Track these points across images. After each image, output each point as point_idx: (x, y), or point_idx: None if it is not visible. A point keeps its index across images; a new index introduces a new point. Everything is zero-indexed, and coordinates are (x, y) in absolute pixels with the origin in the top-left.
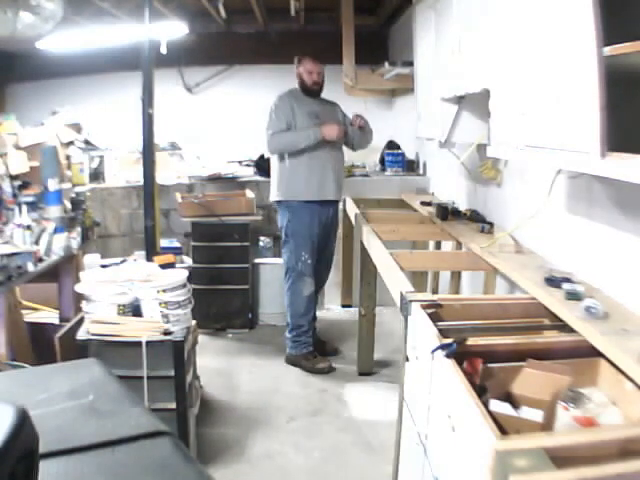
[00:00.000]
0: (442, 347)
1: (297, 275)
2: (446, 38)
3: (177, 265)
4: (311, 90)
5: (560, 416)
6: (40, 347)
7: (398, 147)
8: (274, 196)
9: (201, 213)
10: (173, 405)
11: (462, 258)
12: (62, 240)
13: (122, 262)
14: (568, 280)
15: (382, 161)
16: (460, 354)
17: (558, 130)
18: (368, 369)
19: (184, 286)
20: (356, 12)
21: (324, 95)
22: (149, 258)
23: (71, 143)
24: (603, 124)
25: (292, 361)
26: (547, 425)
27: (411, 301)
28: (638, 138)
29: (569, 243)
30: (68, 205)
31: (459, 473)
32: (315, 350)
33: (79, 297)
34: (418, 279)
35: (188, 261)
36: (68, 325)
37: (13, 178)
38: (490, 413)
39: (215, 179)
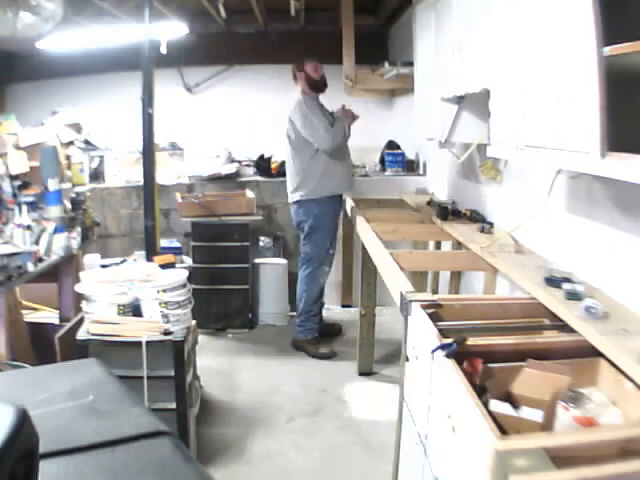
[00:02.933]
0: (442, 347)
1: (319, 264)
2: (446, 38)
3: (177, 265)
4: (321, 84)
5: (560, 416)
6: (40, 347)
7: (398, 147)
8: (299, 195)
9: (201, 213)
10: (173, 405)
11: (462, 258)
12: (62, 240)
13: (122, 262)
14: (568, 280)
15: (382, 161)
16: (460, 354)
17: (558, 130)
18: (368, 369)
19: (184, 286)
20: (356, 12)
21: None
22: (149, 258)
23: (71, 143)
24: (603, 124)
25: (298, 345)
26: (547, 425)
27: (411, 301)
28: (638, 138)
29: (569, 243)
30: (68, 205)
31: (459, 473)
32: (322, 334)
33: (79, 297)
34: (418, 279)
35: (188, 261)
36: (68, 325)
37: (13, 178)
38: (490, 413)
39: (215, 179)
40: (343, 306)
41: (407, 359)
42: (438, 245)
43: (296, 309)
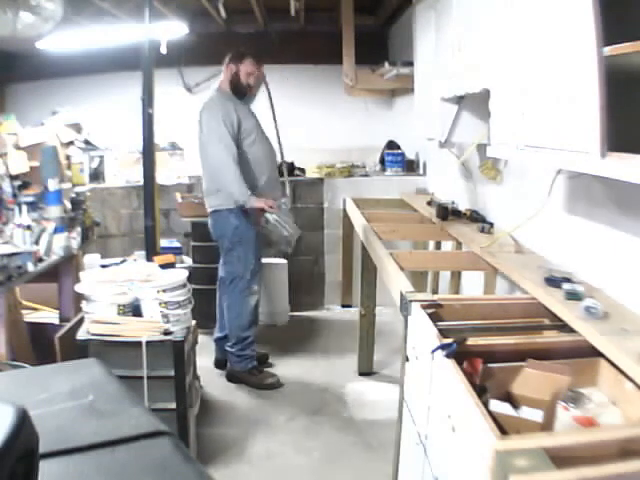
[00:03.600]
0: (442, 347)
1: (246, 284)
2: (446, 38)
3: (177, 265)
4: (243, 89)
5: (560, 416)
6: (40, 347)
7: (398, 147)
8: (215, 204)
9: (201, 213)
10: (173, 405)
11: (462, 258)
12: (62, 240)
13: (122, 262)
14: (568, 280)
15: (382, 161)
16: (460, 354)
17: (558, 130)
18: (368, 369)
19: (184, 286)
20: (356, 12)
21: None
22: (149, 258)
23: (71, 143)
24: (603, 124)
25: (237, 378)
26: (547, 425)
27: (411, 301)
28: (638, 138)
29: (569, 243)
30: (68, 205)
31: (459, 473)
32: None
33: (79, 297)
34: (418, 279)
35: (188, 261)
36: (68, 325)
37: (13, 178)
38: (490, 413)
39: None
40: (343, 306)
41: (407, 359)
42: (438, 245)
43: (228, 337)
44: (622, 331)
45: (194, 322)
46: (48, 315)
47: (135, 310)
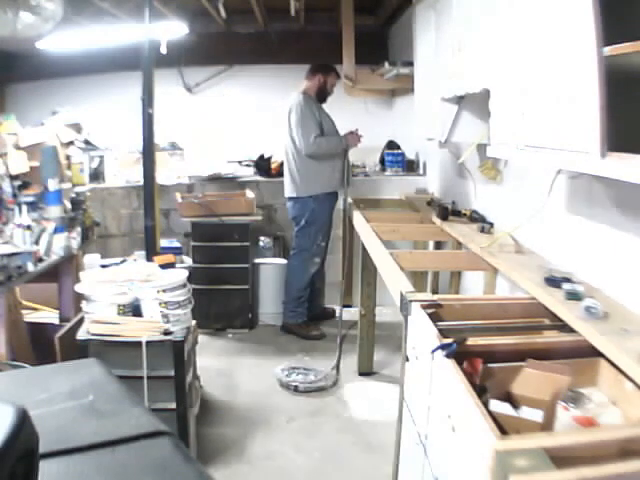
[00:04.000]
0: (442, 347)
1: (310, 256)
2: (446, 38)
3: (177, 265)
4: (326, 95)
5: (560, 416)
6: (40, 347)
7: (398, 147)
8: (297, 191)
9: (201, 213)
10: (173, 405)
11: (462, 258)
12: (62, 240)
13: (122, 262)
14: (568, 280)
15: (382, 161)
16: (460, 354)
17: (558, 130)
18: (368, 369)
19: (184, 286)
20: (356, 12)
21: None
22: (149, 258)
23: (71, 143)
24: (603, 124)
25: (288, 329)
26: (547, 425)
27: (411, 301)
28: (638, 138)
29: (569, 243)
30: (68, 205)
31: (459, 473)
32: (316, 315)
33: (79, 297)
34: (418, 279)
35: (188, 261)
36: (68, 325)
37: (13, 178)
38: (490, 413)
39: (215, 179)
40: (343, 306)
41: (407, 359)
42: (438, 245)
43: (286, 295)
44: (622, 331)
45: (194, 322)
46: (48, 315)
47: (135, 310)
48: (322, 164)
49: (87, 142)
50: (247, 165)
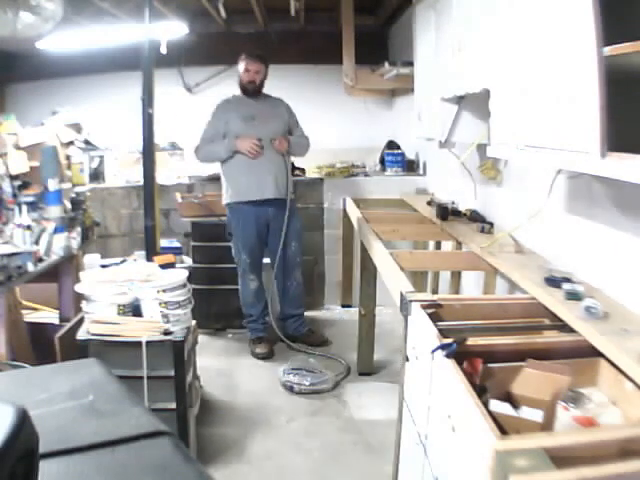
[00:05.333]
0: (442, 347)
1: (242, 271)
2: (446, 38)
3: (177, 265)
4: (247, 89)
5: (560, 416)
6: (40, 347)
7: (398, 147)
8: (223, 199)
9: (201, 213)
10: (173, 405)
11: (462, 258)
12: (62, 240)
13: (122, 262)
14: (568, 280)
15: (382, 161)
16: (460, 354)
17: (558, 130)
18: (368, 369)
19: (184, 286)
20: (356, 12)
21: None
22: (149, 258)
23: (71, 143)
24: (603, 124)
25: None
26: (547, 425)
27: (411, 301)
28: (638, 138)
29: (569, 243)
30: (68, 205)
31: (459, 473)
32: (305, 338)
33: (79, 297)
34: (418, 279)
35: (188, 261)
36: (68, 325)
37: (13, 178)
38: (490, 413)
39: (215, 179)
40: (343, 306)
41: (407, 359)
42: (438, 245)
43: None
44: (622, 331)
45: (194, 322)
46: (48, 315)
47: (135, 310)
48: (232, 168)
49: (87, 142)
50: None
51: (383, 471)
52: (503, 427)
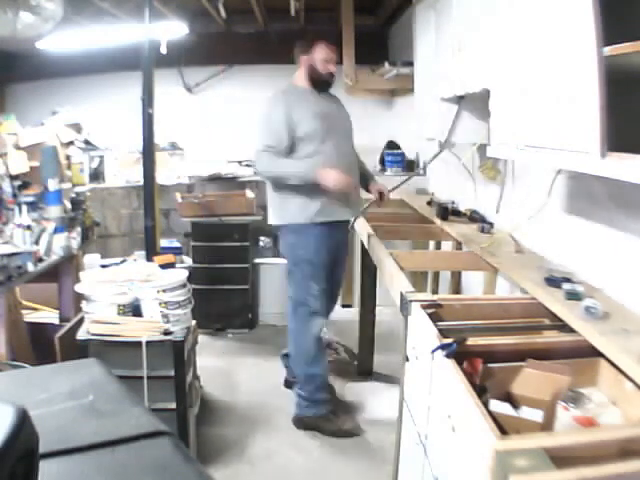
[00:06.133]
0: (442, 347)
1: (306, 311)
2: (446, 38)
3: (177, 265)
4: (321, 83)
5: (560, 416)
6: (40, 347)
7: (398, 147)
8: (272, 216)
9: (201, 213)
10: (173, 405)
11: (462, 258)
12: (62, 240)
13: (122, 262)
14: (568, 280)
15: (382, 161)
16: (460, 354)
17: (558, 130)
18: (368, 369)
19: (184, 286)
20: (356, 12)
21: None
22: (149, 258)
23: (71, 143)
24: (603, 124)
25: (308, 425)
26: (547, 425)
27: (411, 301)
28: (638, 138)
29: (569, 243)
30: (68, 205)
31: (459, 473)
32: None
33: (79, 297)
34: (418, 279)
35: (188, 261)
36: (68, 325)
37: (13, 178)
38: (490, 413)
39: (215, 179)
40: (343, 306)
41: (407, 359)
42: (438, 245)
43: (294, 375)
44: (622, 331)
45: (194, 322)
46: (48, 315)
47: (135, 310)
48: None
49: (87, 142)
50: (247, 165)
51: (383, 471)
52: (503, 427)
